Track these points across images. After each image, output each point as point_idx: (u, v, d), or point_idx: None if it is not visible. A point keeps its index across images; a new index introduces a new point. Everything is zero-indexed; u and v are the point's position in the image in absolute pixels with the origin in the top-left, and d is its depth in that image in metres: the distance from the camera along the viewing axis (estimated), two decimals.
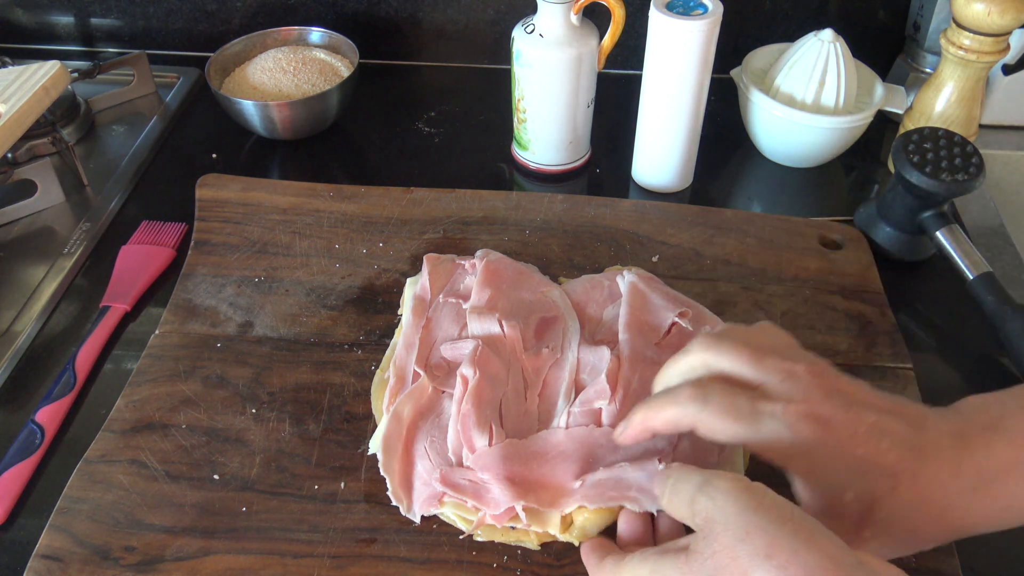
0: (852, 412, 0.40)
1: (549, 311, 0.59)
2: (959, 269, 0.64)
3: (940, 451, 0.40)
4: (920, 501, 0.39)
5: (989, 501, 0.40)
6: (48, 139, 0.77)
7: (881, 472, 0.39)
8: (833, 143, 0.77)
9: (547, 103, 0.73)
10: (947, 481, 0.40)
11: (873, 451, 0.39)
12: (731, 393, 0.42)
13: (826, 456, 0.40)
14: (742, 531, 0.34)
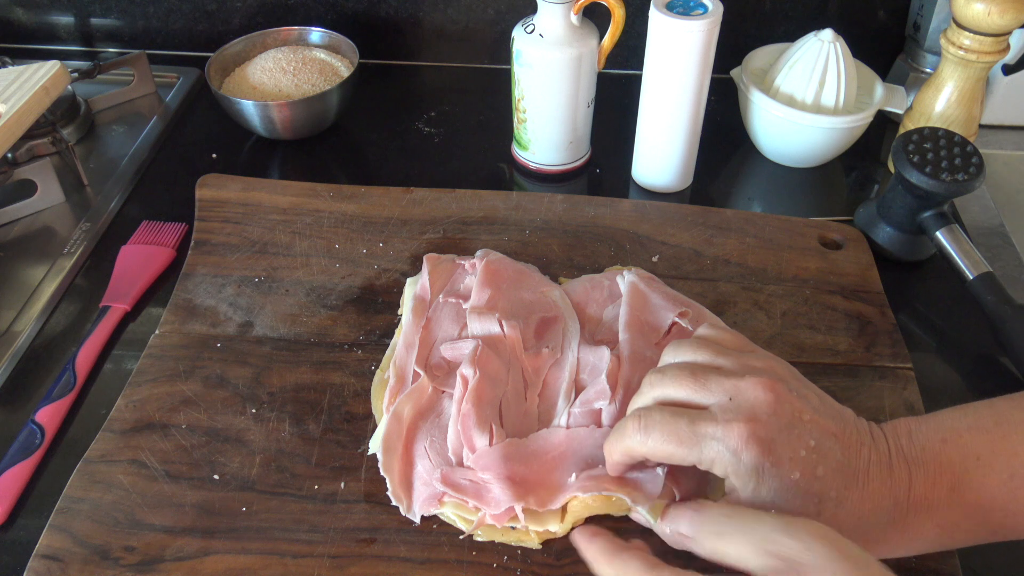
0: (794, 434, 0.41)
1: (549, 311, 0.59)
2: (959, 269, 0.64)
3: (867, 482, 0.41)
4: (839, 527, 0.40)
5: (899, 533, 0.42)
6: (48, 139, 0.77)
7: (810, 497, 0.41)
8: (833, 143, 0.77)
9: (547, 103, 0.73)
10: (867, 514, 0.41)
11: (808, 476, 0.41)
12: (672, 419, 0.43)
13: (764, 477, 0.41)
14: (830, 574, 0.35)
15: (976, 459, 0.41)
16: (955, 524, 0.42)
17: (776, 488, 0.41)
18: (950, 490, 0.41)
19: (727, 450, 0.41)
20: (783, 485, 0.41)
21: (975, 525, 0.42)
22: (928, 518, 0.42)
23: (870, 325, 0.63)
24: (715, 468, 0.42)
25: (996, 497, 0.41)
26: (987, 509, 0.41)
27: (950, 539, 0.42)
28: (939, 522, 0.42)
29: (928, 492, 0.41)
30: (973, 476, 0.41)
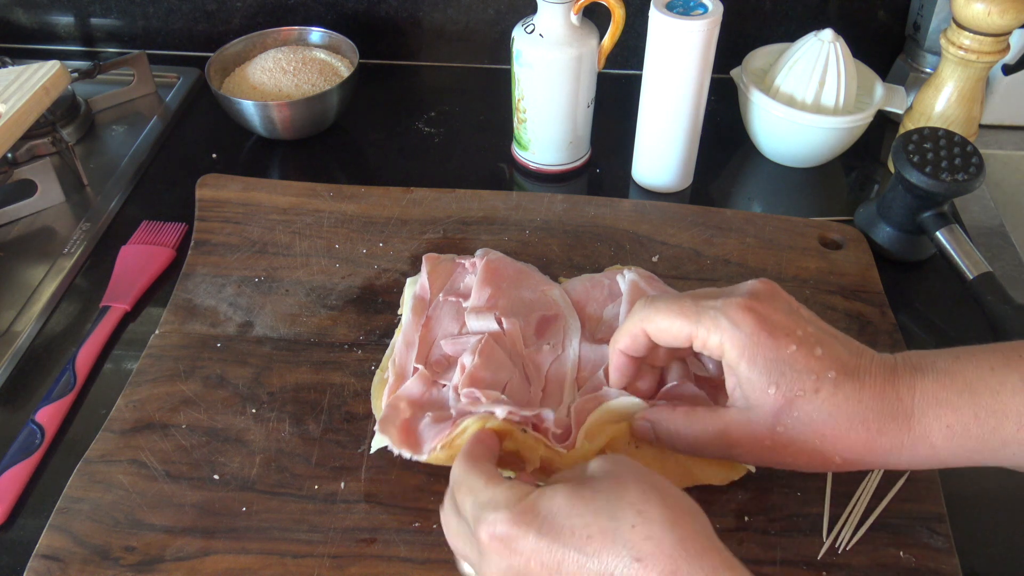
0: (792, 318, 0.43)
1: (549, 309, 0.59)
2: (959, 269, 0.64)
3: (867, 374, 0.42)
4: (836, 411, 0.41)
5: (904, 429, 0.41)
6: (48, 139, 0.77)
7: (807, 372, 0.41)
8: (833, 143, 0.77)
9: (547, 103, 0.73)
10: (867, 401, 0.41)
11: (805, 352, 0.42)
12: (677, 297, 0.45)
13: (760, 348, 0.42)
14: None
15: (991, 369, 0.41)
16: (965, 427, 0.41)
17: (772, 359, 0.42)
18: (961, 391, 0.41)
19: (725, 318, 0.42)
20: (779, 357, 0.42)
21: (986, 432, 0.40)
22: (936, 417, 0.41)
23: (870, 325, 0.63)
24: (711, 340, 0.43)
25: (1011, 406, 0.40)
26: (1001, 415, 0.40)
27: (959, 447, 0.41)
28: (948, 422, 0.41)
29: (937, 392, 0.41)
30: (987, 383, 0.41)
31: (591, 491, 0.38)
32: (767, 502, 0.52)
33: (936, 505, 0.52)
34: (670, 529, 0.36)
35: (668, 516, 0.36)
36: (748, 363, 0.42)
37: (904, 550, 0.49)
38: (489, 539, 0.38)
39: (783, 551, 0.49)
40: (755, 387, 0.42)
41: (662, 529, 0.35)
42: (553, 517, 0.37)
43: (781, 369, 0.42)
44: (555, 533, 0.37)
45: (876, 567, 0.49)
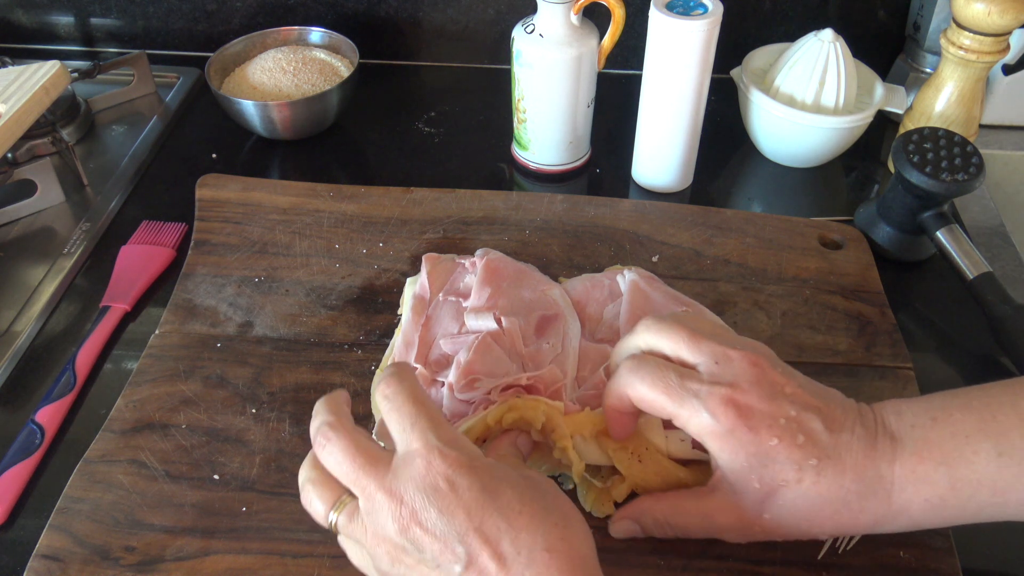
0: (775, 404, 0.43)
1: (549, 309, 0.59)
2: (959, 269, 0.64)
3: (847, 453, 0.42)
4: (819, 497, 0.42)
5: (883, 506, 0.42)
6: (48, 139, 0.77)
7: (789, 463, 0.42)
8: (833, 143, 0.77)
9: (547, 103, 0.73)
10: (848, 484, 0.42)
11: (787, 444, 0.42)
12: (663, 367, 0.44)
13: (740, 443, 0.42)
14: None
15: (965, 437, 0.42)
16: (942, 500, 0.42)
17: (754, 453, 0.42)
18: (937, 465, 0.42)
19: (706, 411, 0.43)
20: (760, 451, 0.42)
21: (962, 501, 0.42)
22: (915, 492, 0.42)
23: (870, 325, 0.63)
24: (691, 426, 0.44)
25: (984, 475, 0.41)
26: (975, 485, 0.41)
27: (937, 516, 0.42)
28: (926, 496, 0.42)
29: (915, 466, 0.42)
30: (963, 453, 0.41)
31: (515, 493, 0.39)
32: None
33: None
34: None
35: (570, 563, 0.37)
36: (730, 456, 0.43)
37: (904, 550, 0.49)
38: (427, 468, 0.39)
39: (783, 551, 0.49)
40: (738, 477, 0.43)
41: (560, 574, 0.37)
42: (484, 489, 0.38)
43: (763, 462, 0.42)
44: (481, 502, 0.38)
45: (876, 567, 0.49)
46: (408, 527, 0.38)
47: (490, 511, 0.38)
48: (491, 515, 0.38)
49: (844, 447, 0.42)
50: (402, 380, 0.43)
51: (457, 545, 0.37)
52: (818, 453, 0.42)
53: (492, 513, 0.38)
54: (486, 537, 0.37)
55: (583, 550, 0.39)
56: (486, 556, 0.37)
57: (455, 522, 0.37)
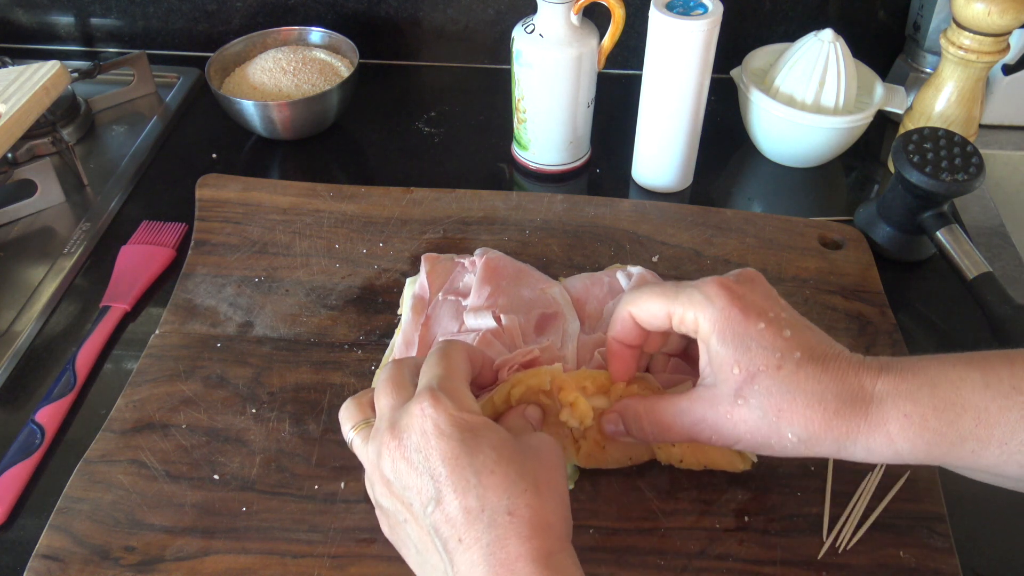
0: (768, 302, 0.45)
1: (549, 307, 0.59)
2: (959, 269, 0.64)
3: (831, 360, 0.43)
4: (795, 387, 0.42)
5: (861, 416, 0.42)
6: (48, 139, 0.77)
7: (772, 349, 0.43)
8: (833, 143, 0.77)
9: (547, 103, 0.73)
10: (827, 383, 0.42)
11: (773, 332, 0.43)
12: (661, 282, 0.48)
13: (730, 322, 0.44)
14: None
15: (952, 366, 0.42)
16: (923, 417, 0.41)
17: (740, 334, 0.43)
18: (921, 385, 0.41)
19: (700, 293, 0.45)
20: (747, 332, 0.43)
21: (943, 425, 0.41)
22: (894, 405, 0.41)
23: (870, 325, 0.63)
24: (687, 316, 0.45)
25: (969, 401, 0.40)
26: (959, 409, 0.40)
27: (918, 438, 0.41)
28: (906, 411, 0.41)
29: (899, 384, 0.41)
30: (948, 376, 0.41)
31: (508, 452, 0.40)
32: (767, 502, 0.52)
33: (936, 505, 0.52)
34: (525, 541, 0.37)
35: (530, 529, 0.38)
36: (718, 337, 0.44)
37: (904, 550, 0.49)
38: (421, 415, 0.40)
39: (783, 551, 0.49)
40: (722, 362, 0.44)
41: (518, 539, 0.37)
42: (480, 446, 0.40)
43: (747, 344, 0.43)
44: (461, 459, 0.39)
45: (876, 567, 0.49)
46: (396, 461, 0.40)
47: (464, 464, 0.39)
48: (465, 468, 0.39)
49: (829, 355, 0.43)
50: (455, 344, 0.46)
51: (430, 487, 0.39)
52: (802, 349, 0.43)
53: (466, 466, 0.39)
54: (455, 486, 0.39)
55: (549, 519, 0.39)
56: (454, 504, 0.38)
57: (431, 464, 0.39)
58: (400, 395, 0.43)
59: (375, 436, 0.42)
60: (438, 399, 0.41)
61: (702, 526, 0.50)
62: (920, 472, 0.53)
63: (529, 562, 0.37)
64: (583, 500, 0.52)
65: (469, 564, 0.37)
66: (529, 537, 0.37)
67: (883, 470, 0.53)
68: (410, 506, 0.40)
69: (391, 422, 0.42)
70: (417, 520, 0.40)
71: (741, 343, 0.43)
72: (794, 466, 0.53)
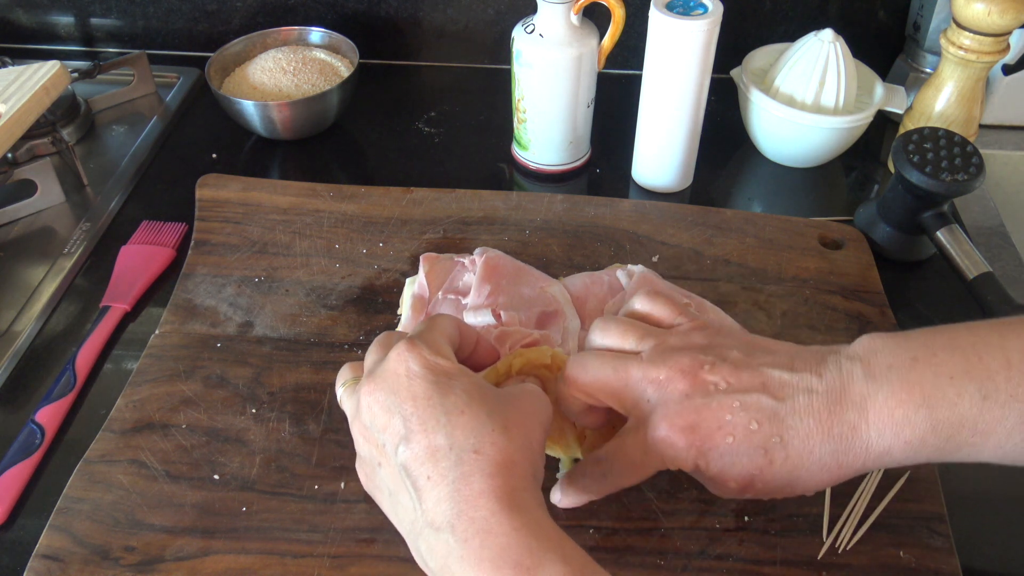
0: (713, 408, 0.42)
1: (549, 305, 0.60)
2: (959, 269, 0.64)
3: (808, 417, 0.41)
4: (795, 468, 0.41)
5: (862, 457, 0.41)
6: (48, 139, 0.77)
7: (756, 452, 0.41)
8: (833, 143, 0.77)
9: (547, 103, 0.73)
10: (817, 448, 0.41)
11: (743, 435, 0.41)
12: (605, 361, 0.45)
13: (707, 458, 0.42)
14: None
15: (949, 378, 0.40)
16: (922, 440, 0.40)
17: (719, 455, 0.42)
18: (918, 408, 0.40)
19: (668, 447, 0.42)
20: (721, 453, 0.41)
21: (942, 441, 0.40)
22: (895, 437, 0.41)
23: (870, 325, 0.63)
24: (666, 463, 0.43)
25: (967, 417, 0.40)
26: (957, 427, 0.40)
27: (918, 455, 0.41)
28: (907, 439, 0.41)
29: (893, 410, 0.40)
30: (946, 394, 0.40)
31: (489, 396, 0.41)
32: (767, 502, 0.52)
33: (936, 505, 0.52)
34: (488, 478, 0.38)
35: (495, 467, 0.38)
36: (704, 472, 0.42)
37: (904, 550, 0.49)
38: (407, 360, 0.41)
39: (783, 551, 0.49)
40: (718, 482, 0.43)
41: (482, 476, 0.38)
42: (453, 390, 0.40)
43: (732, 463, 0.42)
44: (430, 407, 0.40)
45: (876, 567, 0.49)
46: (371, 405, 0.41)
47: (435, 403, 0.40)
48: (435, 408, 0.40)
49: (803, 411, 0.41)
50: (444, 314, 0.48)
51: (401, 426, 0.40)
52: (778, 429, 0.41)
53: (436, 406, 0.40)
54: (424, 426, 0.39)
55: (514, 458, 0.39)
56: (422, 442, 0.39)
57: (402, 405, 0.40)
58: (385, 352, 0.44)
59: (358, 388, 0.43)
60: (413, 344, 0.42)
61: (702, 526, 0.50)
62: (920, 472, 0.53)
63: (492, 498, 0.37)
64: None
65: (435, 500, 0.38)
66: (492, 475, 0.38)
67: (883, 470, 0.53)
68: (383, 447, 0.41)
69: (371, 373, 0.43)
70: (389, 461, 0.41)
71: (725, 462, 0.42)
72: None
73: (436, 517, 0.38)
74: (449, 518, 0.37)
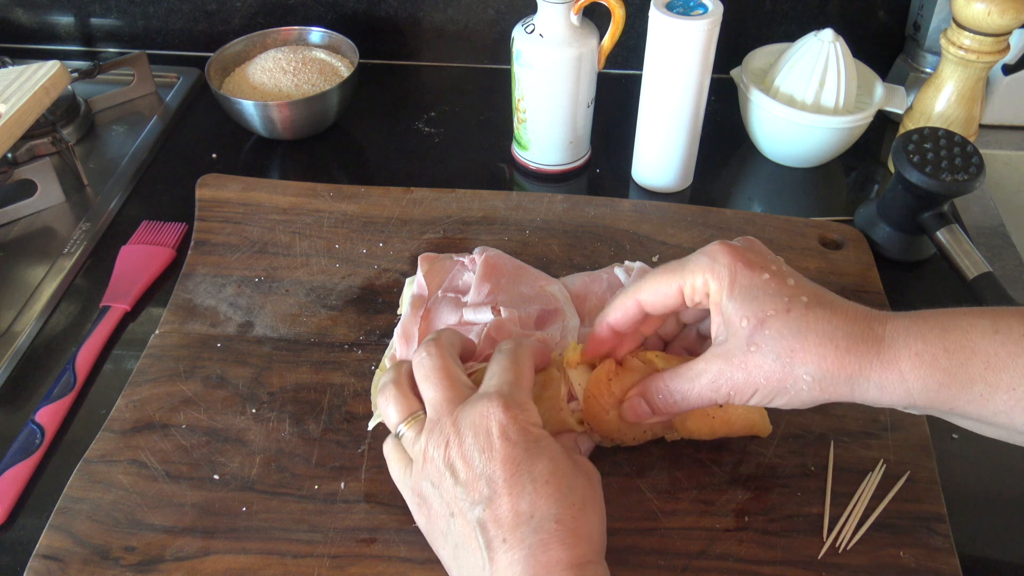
0: (770, 258, 0.46)
1: (549, 304, 0.60)
2: (959, 269, 0.64)
3: (839, 305, 0.44)
4: (806, 327, 0.43)
5: (873, 353, 0.42)
6: (48, 139, 0.77)
7: (779, 295, 0.44)
8: (833, 143, 0.77)
9: (547, 103, 0.73)
10: (837, 322, 0.43)
11: (777, 280, 0.44)
12: (662, 268, 0.48)
13: (737, 276, 0.45)
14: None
15: (963, 314, 0.42)
16: (934, 356, 0.41)
17: (747, 286, 0.44)
18: (932, 326, 0.42)
19: (706, 256, 0.46)
20: (753, 283, 0.44)
21: (954, 365, 0.41)
22: (905, 344, 0.42)
23: None
24: (697, 281, 0.46)
25: (979, 345, 0.41)
26: (969, 351, 0.41)
27: (930, 378, 0.41)
28: (917, 349, 0.41)
29: (909, 325, 0.42)
30: (958, 322, 0.41)
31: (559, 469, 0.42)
32: (767, 502, 0.52)
33: (936, 505, 0.52)
34: (567, 548, 0.40)
35: (574, 538, 0.40)
36: (727, 293, 0.45)
37: (904, 550, 0.49)
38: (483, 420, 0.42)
39: (783, 551, 0.49)
40: (731, 316, 0.44)
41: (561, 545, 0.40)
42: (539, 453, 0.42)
43: (755, 294, 0.44)
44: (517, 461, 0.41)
45: (876, 567, 0.49)
46: (454, 456, 0.42)
47: (524, 471, 0.41)
48: (523, 474, 0.41)
49: (835, 300, 0.44)
50: (525, 345, 0.48)
51: (485, 486, 0.41)
52: (808, 294, 0.44)
53: (524, 473, 0.41)
54: (511, 489, 0.40)
55: (591, 532, 0.41)
56: (505, 505, 0.40)
57: (491, 465, 0.41)
58: (455, 390, 0.45)
59: (432, 429, 0.44)
60: (509, 406, 0.43)
61: (702, 526, 0.50)
62: (920, 472, 0.53)
63: (566, 568, 0.39)
64: None
65: (508, 563, 0.39)
66: (572, 545, 0.40)
67: (883, 470, 0.53)
68: (458, 501, 0.42)
69: (453, 419, 0.43)
70: (464, 516, 0.41)
71: (748, 294, 0.44)
72: (794, 466, 0.54)
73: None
74: None
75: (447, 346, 0.48)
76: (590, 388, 0.50)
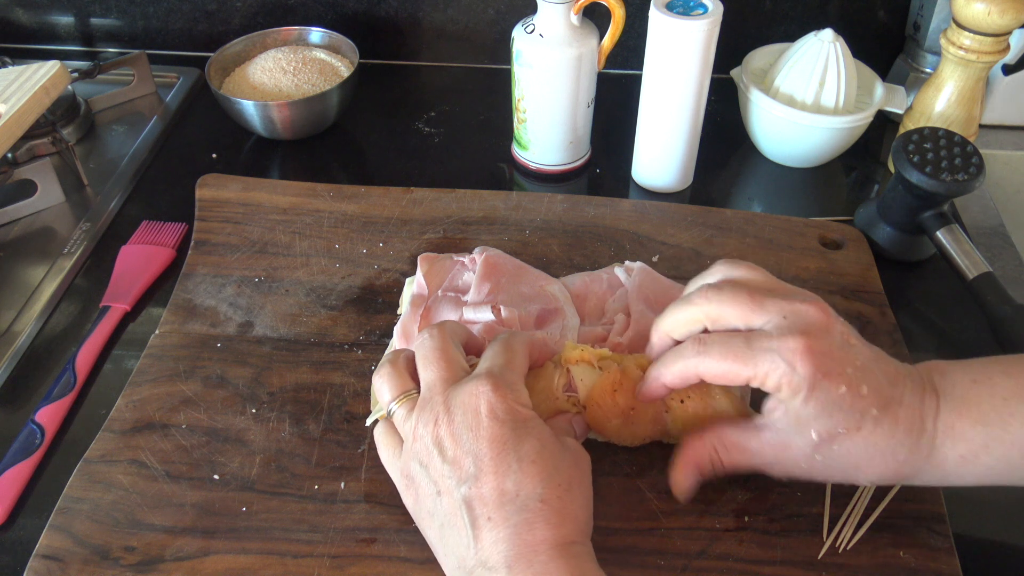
0: (843, 352, 0.43)
1: (549, 303, 0.60)
2: (959, 269, 0.64)
3: (901, 407, 0.44)
4: (873, 446, 0.43)
5: (924, 459, 0.44)
6: (48, 139, 0.77)
7: (853, 412, 0.43)
8: (833, 143, 0.77)
9: (547, 103, 0.73)
10: (900, 436, 0.43)
11: (853, 392, 0.43)
12: (729, 338, 0.45)
13: (815, 390, 0.42)
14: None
15: (1003, 400, 0.43)
16: (975, 456, 0.43)
17: (823, 400, 0.42)
18: (974, 423, 0.43)
19: (783, 361, 0.42)
20: (829, 398, 0.42)
21: (993, 460, 0.43)
22: (951, 448, 0.43)
23: (870, 325, 0.63)
24: (769, 381, 0.43)
25: (1018, 437, 0.42)
26: (1008, 446, 0.42)
27: (968, 472, 0.44)
28: (961, 452, 0.43)
29: (954, 423, 0.43)
30: (1000, 415, 0.43)
31: (545, 450, 0.42)
32: (767, 502, 0.52)
33: (936, 505, 0.52)
34: (551, 528, 0.40)
35: (559, 518, 0.41)
36: (803, 402, 0.43)
37: (904, 550, 0.49)
38: (475, 398, 0.43)
39: (783, 551, 0.49)
40: (802, 420, 0.43)
41: (546, 524, 0.40)
42: (525, 429, 0.42)
43: (829, 410, 0.43)
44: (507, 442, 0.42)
45: (876, 567, 0.49)
46: (443, 434, 0.42)
47: (510, 450, 0.41)
48: (509, 453, 0.41)
49: (900, 400, 0.44)
50: (520, 334, 0.49)
51: (471, 464, 0.41)
52: (879, 404, 0.43)
53: (511, 452, 0.41)
54: (496, 468, 0.41)
55: (576, 513, 0.42)
56: (491, 484, 0.41)
57: (478, 444, 0.41)
58: (451, 370, 0.45)
59: (423, 408, 0.44)
60: (499, 386, 0.43)
61: (702, 526, 0.50)
62: None
63: (550, 547, 0.39)
64: None
65: (493, 541, 0.40)
66: (557, 524, 0.40)
67: None
68: (445, 479, 0.42)
69: (444, 398, 0.43)
70: (450, 494, 0.42)
71: (823, 409, 0.43)
72: None
73: (491, 557, 0.39)
74: (506, 559, 0.39)
75: (450, 332, 0.48)
76: (595, 397, 0.50)
